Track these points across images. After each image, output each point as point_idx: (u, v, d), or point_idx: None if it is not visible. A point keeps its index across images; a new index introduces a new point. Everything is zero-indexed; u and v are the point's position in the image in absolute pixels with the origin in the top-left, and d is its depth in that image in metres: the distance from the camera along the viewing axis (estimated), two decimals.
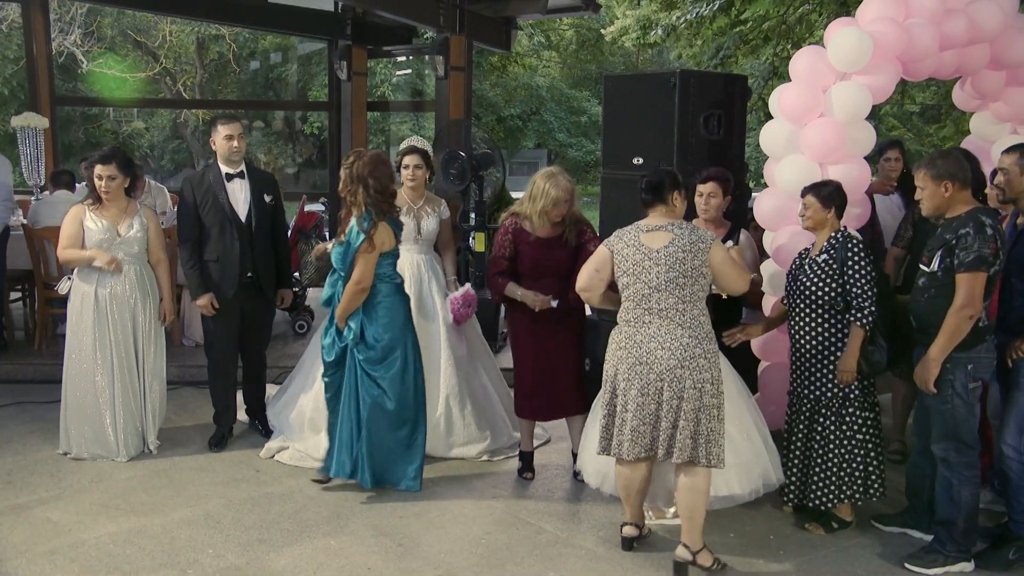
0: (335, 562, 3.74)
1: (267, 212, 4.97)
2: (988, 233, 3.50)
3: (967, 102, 5.34)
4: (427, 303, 5.01)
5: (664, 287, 3.54)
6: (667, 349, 3.53)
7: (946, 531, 3.71)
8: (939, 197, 3.65)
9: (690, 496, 3.59)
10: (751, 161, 16.39)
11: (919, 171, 3.73)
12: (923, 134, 18.39)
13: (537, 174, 4.49)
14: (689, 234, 3.60)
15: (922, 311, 3.72)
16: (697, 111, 4.85)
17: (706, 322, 3.61)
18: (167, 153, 26.87)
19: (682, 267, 3.54)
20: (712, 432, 3.54)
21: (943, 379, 3.61)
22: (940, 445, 3.71)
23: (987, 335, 3.65)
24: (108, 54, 22.07)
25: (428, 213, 5.03)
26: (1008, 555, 3.79)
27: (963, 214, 3.61)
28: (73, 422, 4.79)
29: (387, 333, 4.30)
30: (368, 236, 4.15)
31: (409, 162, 4.95)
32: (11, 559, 3.70)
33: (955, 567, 3.70)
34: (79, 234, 4.69)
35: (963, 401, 3.62)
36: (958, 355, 3.59)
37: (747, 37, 12.62)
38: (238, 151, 4.85)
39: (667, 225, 3.63)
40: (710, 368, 3.55)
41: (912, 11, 4.53)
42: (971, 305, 3.49)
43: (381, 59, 16.91)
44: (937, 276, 3.62)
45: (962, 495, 3.65)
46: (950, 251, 3.56)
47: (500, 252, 4.48)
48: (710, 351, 3.57)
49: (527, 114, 30.20)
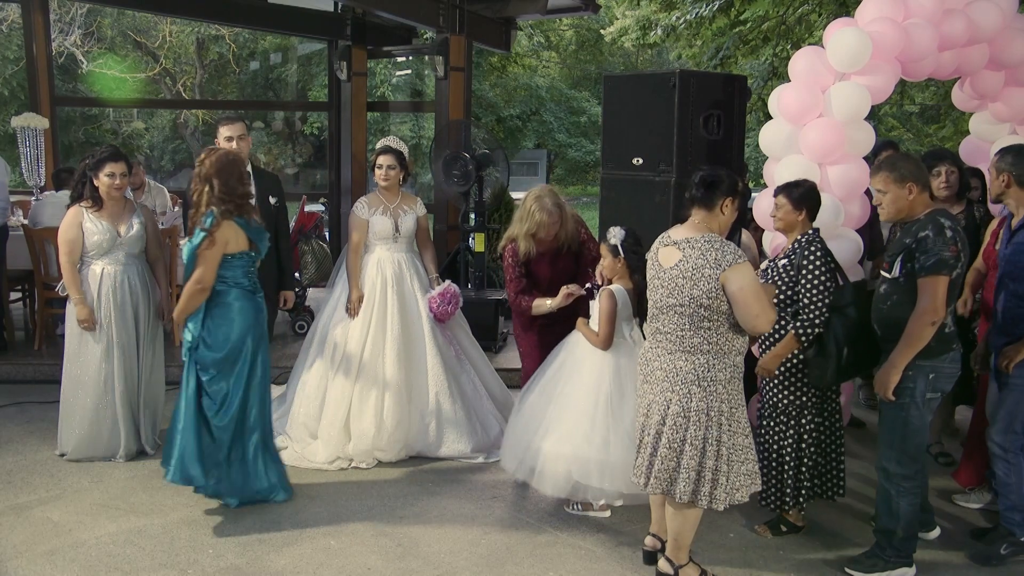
0: (335, 562, 3.75)
1: (270, 214, 4.98)
2: (948, 235, 3.41)
3: (966, 102, 5.35)
4: (410, 302, 5.02)
5: (666, 310, 3.33)
6: (663, 371, 3.33)
7: (885, 538, 3.69)
8: (903, 200, 3.52)
9: (677, 519, 3.43)
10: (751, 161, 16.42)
11: (878, 174, 3.58)
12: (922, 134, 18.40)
13: (529, 193, 4.48)
14: (699, 256, 3.22)
15: (884, 318, 3.62)
16: (697, 111, 4.85)
17: (717, 351, 3.26)
18: (167, 153, 26.91)
19: (680, 295, 3.25)
20: (703, 468, 3.26)
21: (903, 386, 3.52)
22: (884, 454, 3.65)
23: (953, 343, 3.56)
24: (108, 54, 22.09)
25: (405, 211, 5.05)
26: (1000, 550, 3.82)
27: (922, 217, 3.52)
28: (73, 423, 4.79)
29: (226, 341, 4.07)
30: (209, 233, 3.96)
31: (383, 162, 4.96)
32: (11, 559, 3.71)
33: (895, 572, 3.68)
34: (79, 239, 4.67)
35: (918, 411, 3.55)
36: (922, 363, 3.49)
37: (746, 37, 12.64)
38: (239, 152, 4.85)
39: (684, 241, 3.30)
40: (705, 399, 3.24)
41: (911, 11, 4.54)
42: (933, 310, 3.38)
43: (381, 59, 16.94)
44: (899, 282, 3.52)
45: (900, 506, 3.61)
46: (911, 256, 3.46)
47: (513, 275, 4.48)
48: (712, 380, 3.24)
49: (527, 114, 30.22)
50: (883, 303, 3.62)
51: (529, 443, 4.07)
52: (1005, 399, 3.82)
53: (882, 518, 3.69)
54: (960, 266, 3.46)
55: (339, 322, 4.99)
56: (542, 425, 4.06)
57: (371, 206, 5.01)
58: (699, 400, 3.26)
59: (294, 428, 4.96)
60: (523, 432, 4.14)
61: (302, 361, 5.14)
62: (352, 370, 4.89)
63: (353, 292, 4.96)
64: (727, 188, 3.33)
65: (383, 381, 4.87)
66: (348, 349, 4.92)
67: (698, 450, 3.27)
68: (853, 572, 3.71)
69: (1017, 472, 3.79)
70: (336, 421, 4.84)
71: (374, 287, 4.96)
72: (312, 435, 4.90)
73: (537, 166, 33.97)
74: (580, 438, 3.88)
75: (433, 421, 4.91)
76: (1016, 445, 3.79)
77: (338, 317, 5.02)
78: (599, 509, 4.20)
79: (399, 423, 4.86)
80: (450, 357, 5.06)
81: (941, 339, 3.49)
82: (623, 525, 4.10)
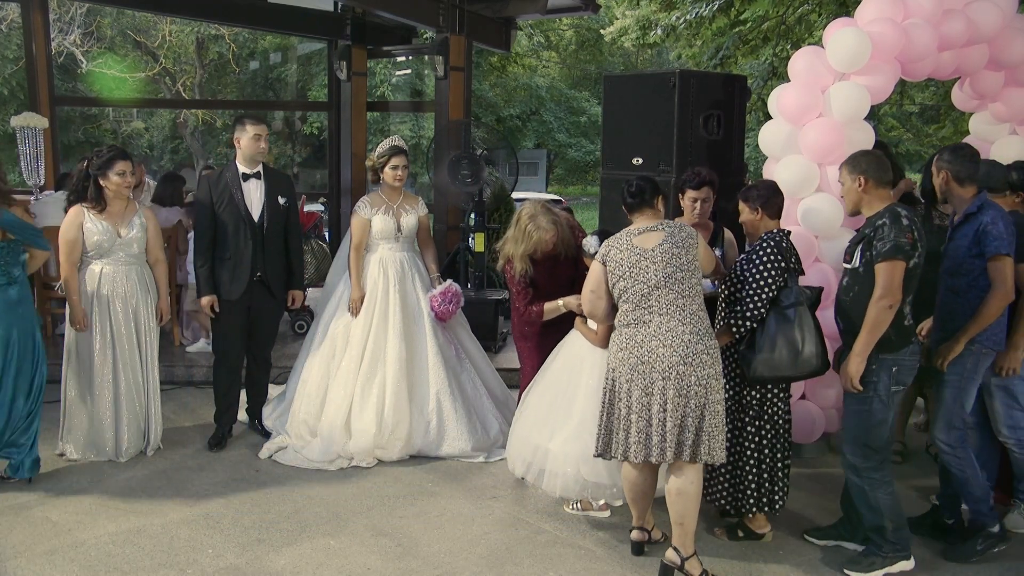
0: (334, 562, 3.75)
1: (280, 213, 4.99)
2: (904, 224, 3.48)
3: (966, 102, 5.35)
4: (411, 301, 5.03)
5: (663, 283, 3.53)
6: (668, 347, 3.48)
7: (878, 535, 3.69)
8: (854, 192, 3.65)
9: (680, 502, 3.53)
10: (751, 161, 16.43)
11: (841, 168, 3.74)
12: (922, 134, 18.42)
13: (522, 209, 4.44)
14: (678, 231, 3.65)
15: (846, 309, 3.68)
16: (696, 111, 4.86)
17: (705, 318, 3.58)
18: (166, 153, 26.90)
19: (678, 262, 3.55)
20: (714, 428, 3.51)
21: (867, 379, 3.57)
22: (849, 449, 3.68)
23: (912, 336, 3.62)
24: (108, 54, 22.08)
25: (407, 211, 5.05)
26: (976, 546, 3.84)
27: (881, 210, 3.59)
28: (73, 423, 4.79)
29: None
30: None
31: (398, 163, 4.95)
32: (11, 559, 3.71)
33: (895, 567, 3.69)
34: (79, 239, 4.66)
35: (882, 404, 3.59)
36: (884, 357, 3.55)
37: (746, 37, 12.65)
38: (263, 151, 4.90)
39: (657, 225, 3.68)
40: (713, 364, 3.51)
41: (911, 11, 4.54)
42: (890, 294, 3.45)
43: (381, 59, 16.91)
44: (859, 272, 3.59)
45: (878, 498, 3.63)
46: (869, 244, 3.54)
47: (518, 288, 4.46)
48: (712, 347, 3.53)
49: (527, 114, 30.25)
50: (845, 295, 3.68)
51: (536, 445, 4.07)
52: (943, 396, 3.86)
53: (866, 516, 3.70)
54: (917, 256, 3.51)
55: (341, 320, 5.00)
56: (547, 426, 4.06)
57: (373, 206, 5.01)
58: (708, 366, 3.49)
59: (294, 425, 4.96)
60: (528, 434, 4.13)
61: (302, 359, 5.14)
62: (354, 368, 4.90)
63: (355, 291, 4.97)
64: (652, 189, 3.76)
65: (384, 379, 4.88)
66: (350, 347, 4.92)
67: (715, 413, 3.51)
68: (852, 572, 3.71)
69: (969, 464, 3.84)
70: (337, 419, 4.84)
71: (376, 286, 4.97)
72: (312, 432, 4.91)
73: (537, 166, 33.96)
74: (588, 437, 3.87)
75: (434, 420, 4.92)
76: (960, 439, 3.84)
77: (340, 315, 5.03)
78: (599, 508, 4.19)
79: (400, 421, 4.86)
80: (451, 356, 5.07)
81: (900, 332, 3.54)
82: (623, 525, 4.09)
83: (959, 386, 3.82)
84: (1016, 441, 3.99)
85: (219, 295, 4.93)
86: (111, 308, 4.72)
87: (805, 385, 4.79)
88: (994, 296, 3.68)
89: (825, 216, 4.52)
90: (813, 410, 4.85)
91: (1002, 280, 3.67)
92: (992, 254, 3.66)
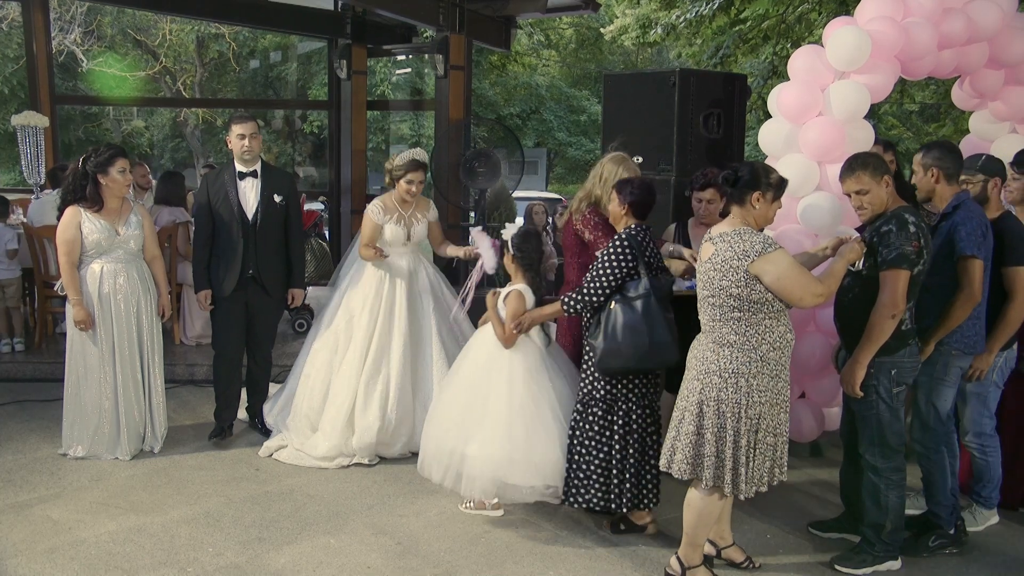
0: (334, 560, 3.75)
1: (275, 212, 4.99)
2: (911, 231, 3.43)
3: (966, 101, 5.35)
4: (417, 304, 5.03)
5: (702, 303, 3.43)
6: (696, 359, 3.43)
7: (874, 532, 3.70)
8: (882, 195, 3.53)
9: (691, 515, 3.51)
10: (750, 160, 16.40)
11: (862, 175, 3.53)
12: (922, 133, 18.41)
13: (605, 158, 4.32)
14: (728, 248, 3.29)
15: (845, 310, 3.68)
16: (697, 110, 4.86)
17: (744, 344, 3.30)
18: (167, 152, 26.89)
19: (711, 287, 3.35)
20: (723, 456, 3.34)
21: (867, 384, 3.56)
22: (868, 451, 3.67)
23: (910, 339, 3.60)
24: (108, 53, 22.08)
25: (417, 219, 5.05)
26: (929, 543, 3.87)
27: (887, 212, 3.55)
28: (75, 422, 4.80)
29: None
30: None
31: (414, 178, 4.90)
32: (11, 557, 3.71)
33: (883, 566, 3.71)
34: (77, 239, 4.66)
35: (888, 406, 3.58)
36: (881, 360, 3.53)
37: (746, 36, 12.65)
38: (249, 150, 4.89)
39: (718, 236, 3.37)
40: (724, 388, 3.31)
41: (910, 10, 4.54)
42: (893, 303, 3.42)
43: (381, 58, 16.87)
44: (862, 275, 3.57)
45: (889, 499, 3.64)
46: (873, 249, 3.51)
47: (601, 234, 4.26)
48: (732, 372, 3.30)
49: (527, 113, 30.19)
50: (844, 296, 3.68)
51: (452, 449, 4.00)
52: (916, 398, 3.89)
53: (869, 511, 3.71)
54: (922, 263, 3.49)
55: (345, 316, 5.00)
56: (462, 430, 4.00)
57: (386, 211, 4.97)
58: (718, 391, 3.33)
59: (296, 420, 4.96)
60: (444, 439, 4.05)
61: (304, 354, 5.11)
62: (358, 364, 4.89)
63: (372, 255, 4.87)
64: (749, 182, 3.34)
65: (389, 377, 4.88)
66: (355, 343, 4.92)
67: (716, 436, 3.35)
68: (842, 568, 3.73)
69: (940, 468, 3.87)
70: (340, 415, 4.84)
71: (382, 283, 4.97)
72: (313, 428, 4.90)
73: (537, 165, 33.93)
74: (502, 438, 3.87)
75: None
76: (934, 441, 3.86)
77: (344, 311, 5.02)
78: (492, 508, 4.12)
79: (403, 418, 4.86)
80: (455, 354, 5.05)
81: (898, 336, 3.53)
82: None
83: (929, 387, 3.84)
84: (979, 447, 4.05)
85: (214, 290, 4.98)
86: (113, 306, 4.72)
87: (805, 385, 4.79)
88: (958, 298, 3.68)
89: (825, 216, 4.51)
90: (812, 409, 4.85)
91: (968, 282, 3.66)
92: (958, 255, 3.66)
